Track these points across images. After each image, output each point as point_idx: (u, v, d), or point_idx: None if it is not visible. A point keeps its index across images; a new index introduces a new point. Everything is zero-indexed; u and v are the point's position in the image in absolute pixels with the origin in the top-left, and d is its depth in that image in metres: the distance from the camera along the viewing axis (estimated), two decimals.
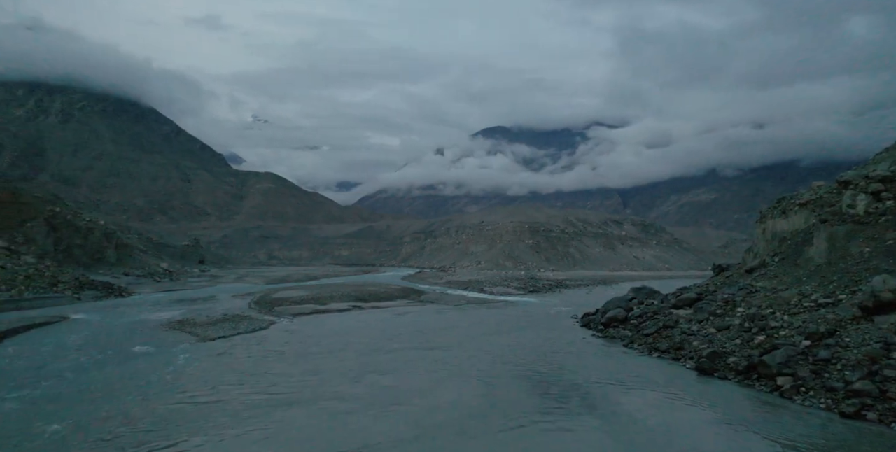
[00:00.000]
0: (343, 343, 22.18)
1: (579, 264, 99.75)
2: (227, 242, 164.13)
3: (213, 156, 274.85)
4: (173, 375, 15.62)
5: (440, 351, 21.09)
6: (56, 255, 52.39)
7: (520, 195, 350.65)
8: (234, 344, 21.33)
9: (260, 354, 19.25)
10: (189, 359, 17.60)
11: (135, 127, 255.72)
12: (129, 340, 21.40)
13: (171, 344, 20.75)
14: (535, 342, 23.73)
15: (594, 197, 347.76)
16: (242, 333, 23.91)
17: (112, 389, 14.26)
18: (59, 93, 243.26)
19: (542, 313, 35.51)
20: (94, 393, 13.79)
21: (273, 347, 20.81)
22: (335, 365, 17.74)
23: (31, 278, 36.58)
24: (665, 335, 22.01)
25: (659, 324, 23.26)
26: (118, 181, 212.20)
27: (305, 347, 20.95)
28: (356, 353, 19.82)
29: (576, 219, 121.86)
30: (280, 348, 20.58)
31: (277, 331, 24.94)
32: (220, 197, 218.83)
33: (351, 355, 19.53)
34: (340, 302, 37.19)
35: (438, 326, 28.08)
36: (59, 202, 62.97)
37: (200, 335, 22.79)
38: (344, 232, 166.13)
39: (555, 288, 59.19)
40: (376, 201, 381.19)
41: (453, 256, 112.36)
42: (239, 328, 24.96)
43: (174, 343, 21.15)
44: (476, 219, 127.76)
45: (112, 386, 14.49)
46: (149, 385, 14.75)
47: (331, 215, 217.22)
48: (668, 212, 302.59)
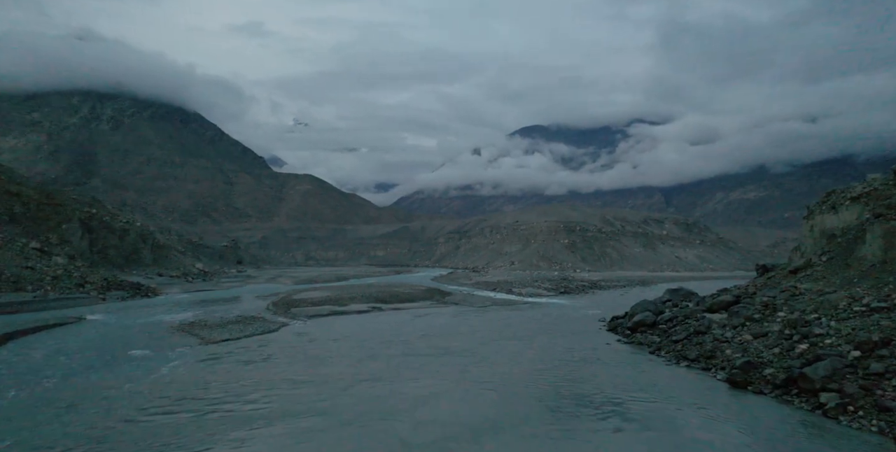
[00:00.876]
0: (348, 347, 21.14)
1: (617, 264, 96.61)
2: (266, 243, 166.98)
3: (255, 159, 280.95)
4: (150, 385, 14.74)
5: (449, 356, 19.79)
6: (91, 256, 53.53)
7: (558, 194, 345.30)
8: (235, 347, 20.56)
9: (255, 359, 18.35)
10: (177, 366, 16.81)
11: (180, 131, 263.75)
12: (131, 343, 20.91)
13: (171, 348, 20.13)
14: (554, 347, 22.14)
15: (635, 195, 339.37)
16: (250, 336, 23.19)
17: (81, 400, 13.45)
18: (110, 101, 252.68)
19: (569, 316, 33.74)
20: (59, 405, 13.05)
21: (273, 351, 19.93)
22: (329, 372, 16.67)
23: (59, 278, 37.10)
24: (695, 342, 20.07)
25: (689, 330, 21.31)
26: (164, 184, 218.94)
27: (306, 352, 19.99)
28: (356, 359, 18.73)
29: (613, 218, 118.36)
30: (279, 353, 19.68)
31: (286, 334, 24.12)
32: (260, 199, 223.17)
33: (351, 360, 18.45)
34: (360, 304, 36.30)
35: (455, 329, 26.77)
36: (96, 204, 64.57)
37: (206, 338, 22.16)
38: (379, 232, 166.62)
39: (588, 289, 57.00)
40: (413, 202, 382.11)
41: (487, 256, 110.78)
42: (247, 330, 24.27)
43: (175, 346, 20.55)
44: (510, 218, 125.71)
45: (84, 397, 13.70)
46: (119, 396, 13.84)
47: (368, 216, 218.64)
48: (713, 210, 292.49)
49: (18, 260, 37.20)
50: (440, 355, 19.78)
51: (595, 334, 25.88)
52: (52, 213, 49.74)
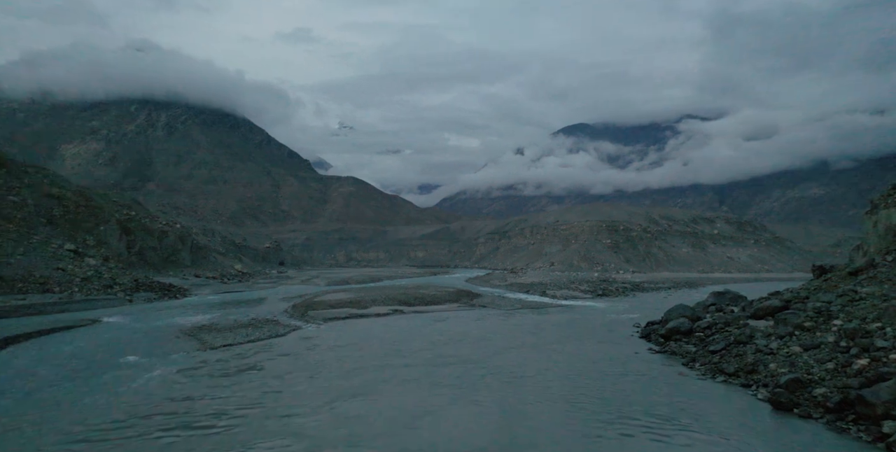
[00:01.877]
0: (348, 355, 19.78)
1: (663, 265, 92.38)
2: (310, 244, 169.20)
3: (301, 163, 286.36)
4: (110, 401, 13.49)
5: (455, 367, 18.11)
6: (129, 257, 54.54)
7: (604, 194, 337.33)
8: (231, 354, 19.51)
9: (243, 368, 17.14)
10: (156, 377, 15.65)
11: (230, 136, 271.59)
12: (130, 349, 20.17)
13: (167, 354, 19.26)
14: (575, 357, 20.14)
15: (686, 194, 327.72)
16: (254, 341, 22.17)
17: (31, 417, 12.41)
18: (165, 108, 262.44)
19: (601, 320, 31.45)
20: (2, 419, 12.10)
21: (268, 359, 18.75)
22: (314, 385, 15.27)
23: (88, 280, 37.46)
24: (735, 353, 17.69)
25: (729, 339, 18.90)
26: (214, 188, 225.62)
27: (303, 360, 18.72)
28: (350, 369, 17.30)
29: (660, 217, 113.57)
30: (274, 361, 18.46)
31: (292, 339, 22.99)
32: (304, 201, 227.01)
33: (344, 371, 17.04)
34: (382, 306, 35.05)
35: (474, 335, 25.05)
36: (136, 206, 66.04)
37: (207, 343, 21.26)
38: (420, 233, 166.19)
39: (629, 291, 54.07)
40: (456, 203, 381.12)
41: (527, 257, 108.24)
42: (253, 335, 23.29)
43: (172, 351, 19.68)
44: (551, 218, 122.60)
45: (38, 413, 12.64)
46: (69, 410, 12.70)
47: (409, 217, 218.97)
48: (770, 208, 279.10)
49: (50, 261, 37.79)
50: (445, 365, 18.12)
51: (625, 342, 23.66)
52: (89, 216, 50.83)
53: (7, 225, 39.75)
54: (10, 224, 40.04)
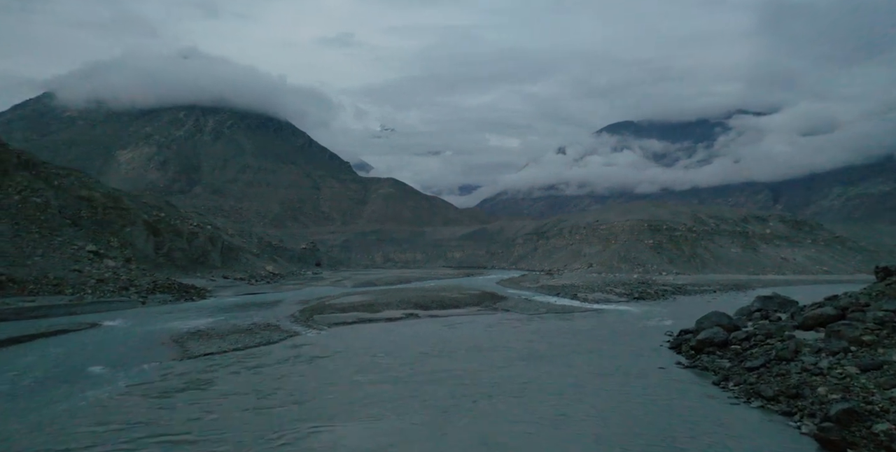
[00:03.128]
0: (331, 366, 17.92)
1: (710, 266, 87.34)
2: (348, 245, 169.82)
3: (341, 165, 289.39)
4: (36, 424, 12.03)
5: (448, 382, 15.95)
6: (156, 259, 54.67)
7: (650, 193, 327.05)
8: (205, 365, 17.93)
9: (196, 384, 15.31)
10: (93, 396, 13.93)
11: (273, 140, 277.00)
12: (103, 357, 18.90)
13: (140, 363, 17.84)
14: (590, 371, 17.66)
15: (738, 192, 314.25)
16: (240, 349, 20.60)
17: None
18: (212, 114, 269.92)
19: (632, 327, 28.64)
20: None
21: (235, 372, 16.99)
22: (257, 409, 13.34)
23: (104, 281, 37.12)
24: (776, 372, 14.86)
25: (770, 354, 16.05)
26: (258, 190, 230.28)
27: (278, 374, 16.92)
28: (316, 387, 15.34)
29: (707, 216, 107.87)
30: (239, 374, 16.67)
31: (281, 348, 21.31)
32: (344, 203, 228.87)
33: (308, 389, 15.10)
34: (396, 310, 33.20)
35: (485, 342, 22.81)
36: (167, 207, 66.55)
37: (190, 351, 19.84)
38: (458, 234, 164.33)
39: (669, 294, 50.52)
40: (496, 203, 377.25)
41: (565, 258, 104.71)
42: (243, 342, 21.76)
43: (147, 360, 18.27)
44: (590, 217, 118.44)
45: None
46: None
47: (447, 218, 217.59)
48: (830, 207, 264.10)
49: (68, 263, 37.67)
50: (434, 382, 15.96)
51: (651, 353, 20.95)
52: (116, 217, 51.11)
53: (30, 226, 39.98)
54: (32, 225, 40.26)
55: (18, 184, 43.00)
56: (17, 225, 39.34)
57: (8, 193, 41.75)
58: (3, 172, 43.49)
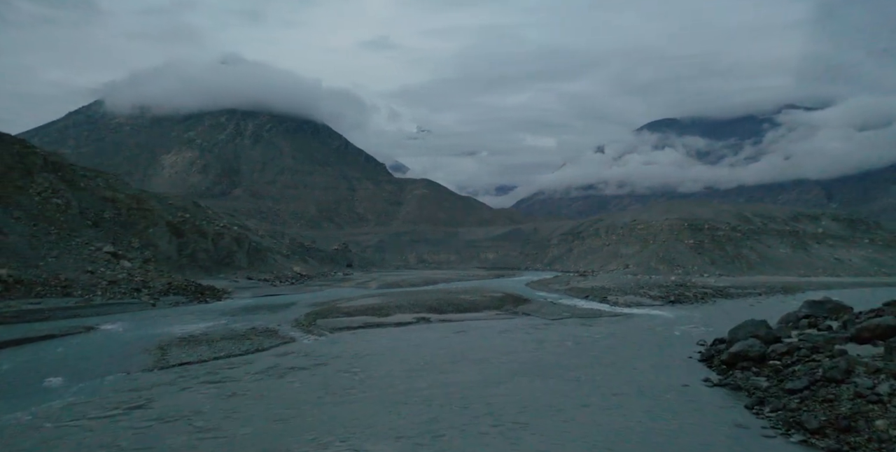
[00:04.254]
0: (309, 380, 16.19)
1: (756, 268, 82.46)
2: (382, 246, 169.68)
3: (376, 166, 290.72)
4: None
5: (436, 401, 13.96)
6: (179, 260, 54.56)
7: (693, 192, 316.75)
8: (174, 376, 16.42)
9: (139, 404, 13.64)
10: (22, 417, 12.44)
11: (310, 143, 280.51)
12: (72, 366, 17.60)
13: (104, 374, 16.47)
14: (602, 388, 15.37)
15: (788, 190, 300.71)
16: (223, 357, 19.09)
17: None
18: (252, 118, 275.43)
19: (661, 334, 26.02)
20: None
21: (187, 387, 15.30)
22: (200, 432, 11.66)
23: (116, 283, 36.64)
24: (823, 396, 12.28)
25: (816, 374, 13.43)
26: (295, 192, 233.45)
27: (244, 387, 15.28)
28: (275, 411, 13.52)
29: (753, 215, 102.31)
30: (191, 389, 14.96)
31: (267, 356, 19.74)
32: (379, 204, 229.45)
33: (264, 412, 13.30)
34: (407, 314, 31.39)
35: (491, 351, 20.73)
36: (192, 208, 66.71)
37: (167, 359, 18.46)
38: (492, 235, 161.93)
39: (708, 297, 47.15)
40: (533, 204, 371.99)
41: (602, 259, 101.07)
42: (228, 349, 20.30)
43: (114, 370, 16.92)
44: (628, 217, 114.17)
45: None
46: None
47: (482, 218, 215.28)
48: (889, 205, 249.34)
49: (82, 264, 37.38)
50: (419, 402, 13.93)
51: (679, 366, 18.46)
52: (139, 218, 51.14)
53: (48, 227, 39.99)
54: (51, 226, 40.28)
55: (39, 185, 43.25)
56: (36, 225, 39.38)
57: (29, 194, 41.97)
58: (27, 173, 43.83)
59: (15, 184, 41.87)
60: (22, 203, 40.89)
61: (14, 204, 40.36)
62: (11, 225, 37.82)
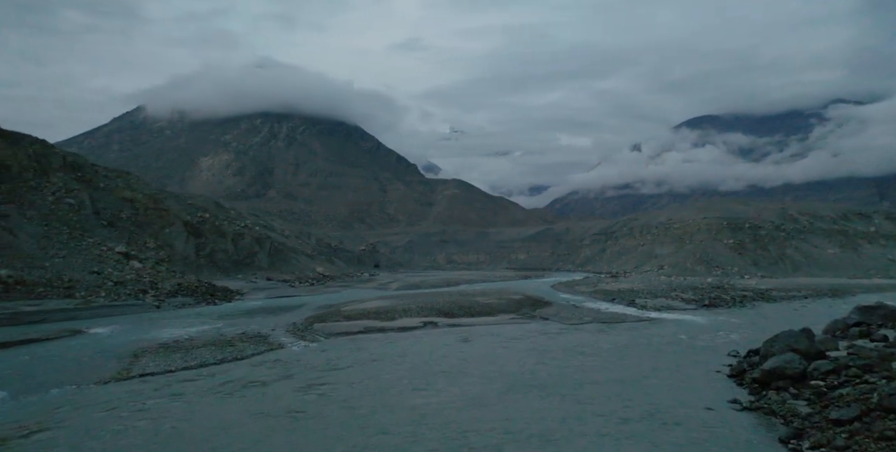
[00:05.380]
0: (269, 396, 14.40)
1: (802, 269, 77.59)
2: (411, 247, 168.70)
3: (408, 167, 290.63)
4: None
5: (403, 429, 11.97)
6: (197, 260, 54.06)
7: (735, 190, 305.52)
8: (130, 389, 14.84)
9: (63, 420, 12.07)
10: None
11: (342, 144, 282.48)
12: (32, 375, 16.29)
13: (55, 386, 14.98)
14: (607, 411, 13.07)
15: (837, 188, 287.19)
16: (195, 367, 17.44)
17: None
18: (285, 120, 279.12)
19: (689, 343, 23.36)
20: None
21: (148, 400, 13.77)
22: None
23: (123, 284, 35.90)
24: (879, 431, 9.75)
25: (869, 401, 10.87)
26: (327, 194, 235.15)
27: (190, 404, 13.56)
28: (216, 428, 11.74)
29: (799, 213, 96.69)
30: (146, 404, 13.37)
31: (245, 366, 18.03)
32: (409, 204, 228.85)
33: (201, 431, 11.54)
34: (414, 317, 29.49)
35: (491, 363, 18.61)
36: (212, 208, 66.34)
37: (131, 370, 16.95)
38: (522, 235, 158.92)
39: (748, 300, 43.72)
40: (567, 204, 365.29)
41: (635, 259, 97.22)
42: (204, 357, 18.69)
43: (68, 382, 15.38)
44: (663, 216, 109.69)
45: None
46: None
47: (514, 219, 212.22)
48: None
49: (90, 264, 36.82)
50: (382, 432, 11.88)
51: (704, 383, 15.96)
52: (156, 218, 50.79)
53: (60, 227, 39.70)
54: (64, 226, 39.98)
55: (53, 184, 43.13)
56: (48, 225, 39.11)
57: (43, 194, 41.85)
58: (42, 173, 43.81)
59: (29, 183, 41.81)
60: (36, 203, 40.75)
61: (28, 203, 40.24)
62: (23, 224, 37.58)
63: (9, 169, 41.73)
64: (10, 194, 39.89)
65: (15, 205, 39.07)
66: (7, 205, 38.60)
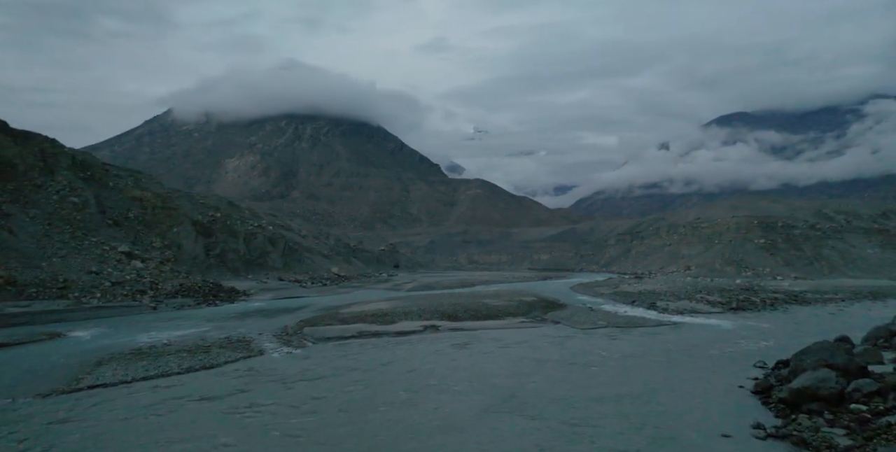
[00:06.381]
0: (186, 422, 12.78)
1: (839, 270, 73.47)
2: (433, 247, 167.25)
3: (431, 167, 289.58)
4: None
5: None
6: (207, 260, 53.26)
7: (768, 189, 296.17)
8: (66, 405, 13.32)
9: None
10: None
11: (365, 145, 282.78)
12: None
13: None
14: (605, 438, 11.07)
15: (877, 186, 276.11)
16: (154, 377, 15.93)
17: None
18: (310, 122, 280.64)
19: (711, 350, 21.05)
20: None
21: (71, 418, 12.28)
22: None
23: (121, 284, 34.96)
24: None
25: None
26: (350, 194, 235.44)
27: (113, 422, 12.04)
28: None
29: (835, 212, 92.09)
30: (59, 425, 11.89)
31: (211, 376, 16.44)
32: (432, 204, 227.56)
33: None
34: (415, 321, 27.72)
35: (477, 375, 16.71)
36: (224, 207, 65.59)
37: (82, 381, 15.46)
38: (545, 235, 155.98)
39: (779, 303, 40.80)
40: (593, 203, 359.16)
41: (661, 260, 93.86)
42: (167, 366, 17.10)
43: (7, 395, 14.14)
44: (691, 215, 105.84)
45: None
46: None
47: (537, 219, 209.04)
48: None
49: (90, 264, 36.00)
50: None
51: (724, 400, 13.80)
52: (164, 217, 50.10)
53: (63, 226, 39.08)
54: (67, 225, 39.36)
55: (58, 183, 42.63)
56: (51, 224, 38.51)
57: (48, 193, 41.35)
58: (48, 172, 43.38)
59: (34, 182, 41.36)
60: (40, 201, 40.25)
61: (32, 202, 39.74)
62: (25, 223, 37.01)
63: (15, 167, 41.34)
64: (14, 193, 39.44)
65: (18, 204, 38.57)
66: (11, 203, 38.10)
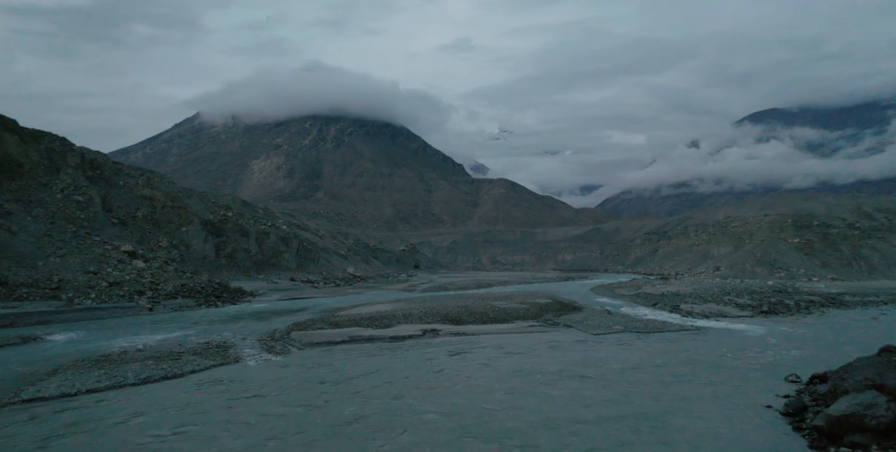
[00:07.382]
0: (135, 437, 11.15)
1: (880, 271, 69.27)
2: (455, 247, 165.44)
3: (454, 167, 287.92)
4: None
5: None
6: (216, 260, 52.39)
7: (804, 187, 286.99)
8: (32, 415, 12.03)
9: None
10: None
11: (389, 145, 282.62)
12: None
13: None
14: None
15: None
16: (101, 389, 14.34)
17: None
18: (334, 123, 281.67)
19: (737, 360, 18.67)
20: None
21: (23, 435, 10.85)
22: None
23: (118, 285, 33.99)
24: None
25: None
26: (373, 194, 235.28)
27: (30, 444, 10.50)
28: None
29: (875, 210, 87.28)
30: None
31: (164, 388, 14.82)
32: (455, 204, 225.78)
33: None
34: (414, 324, 25.92)
35: (464, 389, 14.80)
36: (237, 206, 64.83)
37: (20, 393, 14.07)
38: (569, 235, 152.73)
39: (815, 306, 37.79)
40: (620, 203, 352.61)
41: (689, 260, 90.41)
42: (122, 376, 15.50)
43: None
44: (721, 214, 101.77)
45: None
46: None
47: (562, 218, 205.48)
48: None
49: (89, 264, 35.15)
50: None
51: (749, 425, 11.59)
52: (173, 216, 49.37)
53: (66, 225, 38.41)
54: (69, 224, 38.69)
55: (63, 181, 42.09)
56: (53, 223, 37.85)
57: (52, 192, 40.82)
58: (54, 170, 42.89)
59: (39, 180, 40.85)
60: (44, 200, 39.69)
61: (35, 201, 39.19)
62: (26, 222, 36.39)
63: (20, 166, 40.91)
64: (18, 191, 38.96)
65: (22, 203, 38.03)
66: (14, 202, 37.58)
